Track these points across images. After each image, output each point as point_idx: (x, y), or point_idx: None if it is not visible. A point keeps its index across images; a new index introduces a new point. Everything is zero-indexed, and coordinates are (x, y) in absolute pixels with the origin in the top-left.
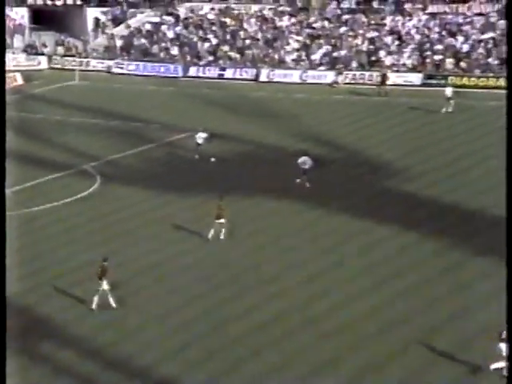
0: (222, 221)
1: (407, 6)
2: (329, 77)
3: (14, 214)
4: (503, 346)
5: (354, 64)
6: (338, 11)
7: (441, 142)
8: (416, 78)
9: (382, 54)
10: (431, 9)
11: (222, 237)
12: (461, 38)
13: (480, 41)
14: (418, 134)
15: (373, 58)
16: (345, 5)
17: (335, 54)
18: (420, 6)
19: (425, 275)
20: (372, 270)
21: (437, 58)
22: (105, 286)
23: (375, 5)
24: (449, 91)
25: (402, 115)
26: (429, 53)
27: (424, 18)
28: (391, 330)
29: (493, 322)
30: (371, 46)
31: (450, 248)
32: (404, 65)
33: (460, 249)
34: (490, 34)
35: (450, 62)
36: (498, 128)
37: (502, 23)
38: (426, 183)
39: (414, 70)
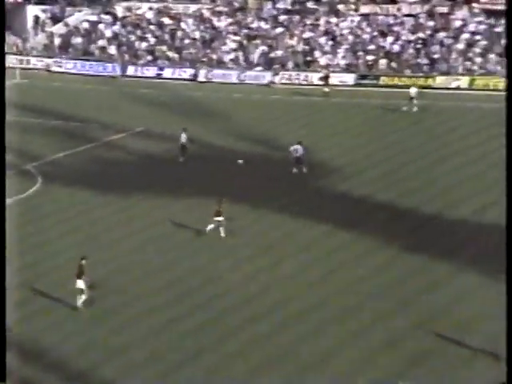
0: (220, 218)
1: (340, 6)
2: (266, 77)
3: None
4: None
5: (291, 64)
6: (274, 12)
7: (381, 139)
8: (350, 78)
9: (317, 54)
10: (363, 10)
11: (222, 234)
12: (391, 39)
13: (410, 41)
14: (357, 131)
15: (308, 59)
16: (280, 5)
17: (272, 55)
18: (352, 6)
19: (359, 273)
20: (307, 268)
21: (369, 58)
22: (81, 285)
23: (310, 5)
24: (413, 91)
25: (344, 114)
26: (361, 53)
27: (356, 18)
28: (325, 329)
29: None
30: (306, 47)
31: (382, 247)
32: (338, 65)
33: (392, 247)
34: (419, 35)
35: (382, 63)
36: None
37: (431, 24)
38: (361, 182)
39: (347, 70)
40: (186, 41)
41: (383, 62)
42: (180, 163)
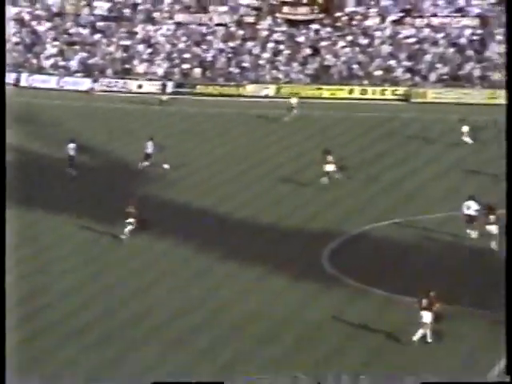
0: (131, 220)
1: (156, 14)
2: (85, 84)
3: None
4: (425, 314)
5: (109, 71)
6: (92, 18)
7: (197, 147)
8: (167, 87)
9: (135, 62)
10: (177, 18)
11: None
12: (205, 48)
13: (221, 50)
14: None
15: (126, 66)
16: (98, 12)
17: (91, 61)
18: (167, 15)
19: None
20: (130, 280)
21: (185, 66)
22: None
23: (126, 13)
24: (294, 101)
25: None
26: (177, 61)
27: (172, 27)
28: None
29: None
30: (125, 54)
31: (200, 253)
32: (155, 73)
33: (208, 254)
34: (230, 44)
35: (196, 71)
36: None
37: (240, 33)
38: (182, 188)
39: (164, 78)
40: (8, 45)
41: (198, 70)
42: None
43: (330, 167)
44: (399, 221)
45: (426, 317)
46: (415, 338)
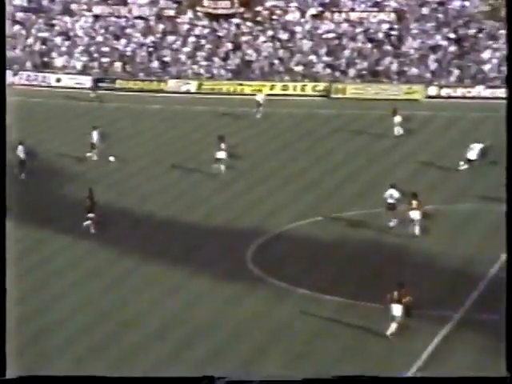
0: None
1: (73, 6)
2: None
3: None
4: (395, 307)
5: (29, 64)
6: (12, 8)
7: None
8: (86, 81)
9: (54, 54)
10: (96, 10)
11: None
12: (124, 41)
13: (142, 44)
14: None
15: (45, 59)
16: (17, 2)
17: (12, 54)
18: (85, 6)
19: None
20: (46, 285)
21: (104, 60)
22: None
23: (44, 3)
24: (260, 97)
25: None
26: (96, 55)
27: (90, 19)
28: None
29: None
30: (43, 47)
31: (121, 256)
32: (74, 67)
33: (129, 257)
34: (151, 38)
35: (116, 66)
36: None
37: (161, 27)
38: (102, 188)
39: (83, 72)
40: None
41: (118, 64)
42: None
43: (221, 154)
44: (321, 218)
45: (397, 310)
46: (388, 332)
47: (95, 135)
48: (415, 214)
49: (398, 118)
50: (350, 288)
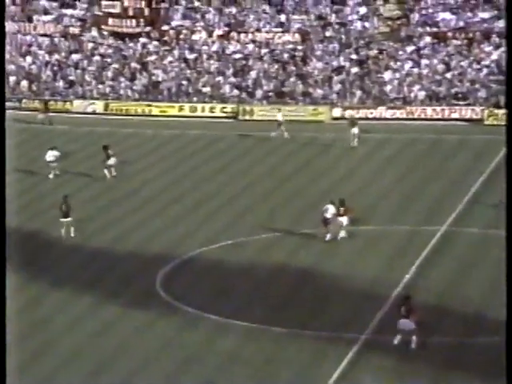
0: (70, 219)
1: None
2: None
3: None
4: (403, 322)
5: None
6: None
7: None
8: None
9: None
10: None
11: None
12: (30, 59)
13: (47, 62)
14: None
15: None
16: None
17: None
18: None
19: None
20: None
21: (11, 79)
22: None
23: None
24: (280, 116)
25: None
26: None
27: None
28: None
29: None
30: None
31: (29, 282)
32: None
33: (38, 282)
34: (56, 56)
35: (23, 85)
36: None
37: (66, 45)
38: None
39: None
40: None
41: (24, 83)
42: None
43: (111, 161)
44: (229, 243)
45: (404, 324)
46: (395, 341)
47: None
48: (343, 219)
49: (355, 130)
50: (260, 313)
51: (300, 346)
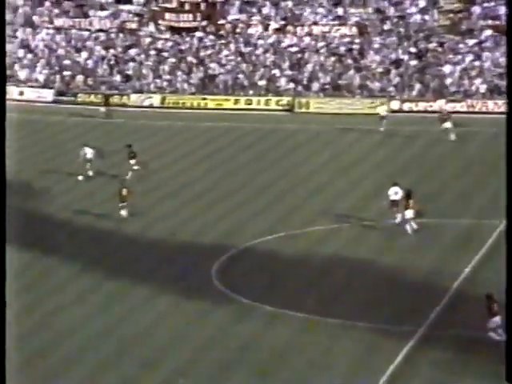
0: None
1: (35, 18)
2: None
3: None
4: (494, 319)
5: None
6: None
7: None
8: (48, 94)
9: (16, 67)
10: (57, 22)
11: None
12: (86, 54)
13: (103, 57)
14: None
15: (8, 72)
16: None
17: None
18: (46, 18)
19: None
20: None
21: (66, 73)
22: None
23: (7, 16)
24: (382, 110)
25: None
26: (58, 68)
27: (51, 31)
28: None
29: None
30: (7, 59)
31: (85, 271)
32: (37, 80)
33: (94, 271)
34: (112, 51)
35: (78, 79)
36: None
37: (123, 40)
38: (62, 205)
39: (45, 85)
40: None
41: (80, 78)
42: None
43: (132, 161)
44: (284, 234)
45: (495, 321)
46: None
47: (88, 151)
48: (409, 213)
49: (447, 124)
50: (315, 304)
51: (355, 338)
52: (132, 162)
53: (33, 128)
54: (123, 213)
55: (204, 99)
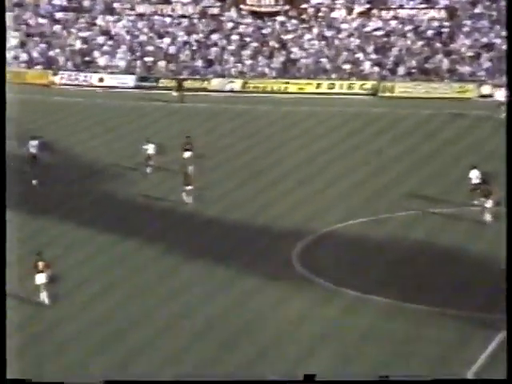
0: (191, 187)
1: (116, 5)
2: (48, 76)
3: None
4: None
5: (70, 64)
6: (51, 8)
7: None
8: (130, 80)
9: (96, 54)
10: (139, 9)
11: (190, 201)
12: (168, 40)
13: (186, 42)
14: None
15: (87, 59)
16: (57, 2)
17: (51, 53)
18: (128, 5)
19: (143, 282)
20: (92, 280)
21: (147, 59)
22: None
23: (86, 3)
24: (500, 95)
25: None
26: (139, 54)
27: (133, 18)
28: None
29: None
30: (85, 46)
31: (167, 253)
32: (117, 66)
33: (175, 253)
34: (194, 36)
35: (160, 65)
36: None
37: (204, 25)
38: (145, 187)
39: (127, 71)
40: None
41: (162, 63)
42: None
43: (187, 154)
44: (367, 219)
45: None
46: None
47: (150, 147)
48: (487, 202)
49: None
50: (399, 289)
51: (443, 326)
52: (186, 154)
53: (117, 113)
54: (185, 197)
55: (286, 83)
